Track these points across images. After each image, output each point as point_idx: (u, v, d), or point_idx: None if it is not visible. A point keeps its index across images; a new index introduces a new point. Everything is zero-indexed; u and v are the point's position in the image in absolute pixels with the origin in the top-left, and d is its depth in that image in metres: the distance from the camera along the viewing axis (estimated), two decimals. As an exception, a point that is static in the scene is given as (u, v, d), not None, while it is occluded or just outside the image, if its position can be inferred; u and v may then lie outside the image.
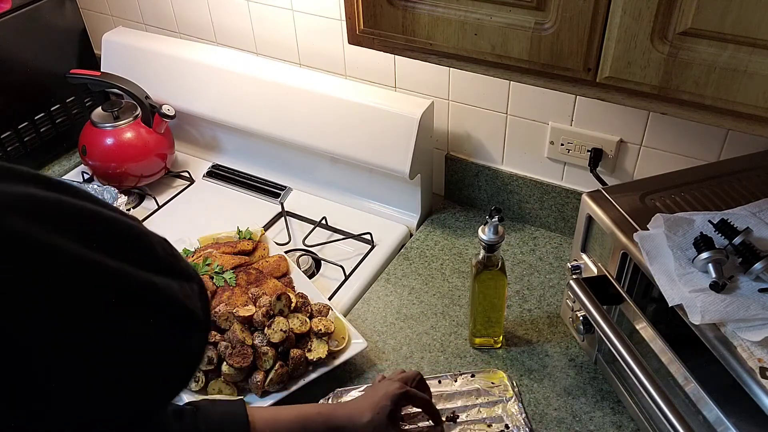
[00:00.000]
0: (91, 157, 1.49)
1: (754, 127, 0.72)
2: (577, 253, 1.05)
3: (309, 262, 1.32)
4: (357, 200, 1.48)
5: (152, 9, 1.63)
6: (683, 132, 1.13)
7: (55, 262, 0.42)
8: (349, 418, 0.90)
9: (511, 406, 1.01)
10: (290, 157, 1.51)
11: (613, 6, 0.72)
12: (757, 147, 1.05)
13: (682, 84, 0.73)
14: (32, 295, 0.41)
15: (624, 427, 0.99)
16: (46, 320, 0.41)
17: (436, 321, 1.18)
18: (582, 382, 1.06)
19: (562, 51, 0.78)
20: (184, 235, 1.38)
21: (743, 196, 0.93)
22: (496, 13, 0.81)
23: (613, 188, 0.98)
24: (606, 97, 0.80)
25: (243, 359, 1.02)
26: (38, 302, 0.41)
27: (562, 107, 1.22)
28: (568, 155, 1.27)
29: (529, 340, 1.14)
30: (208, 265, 1.23)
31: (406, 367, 1.10)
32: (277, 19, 1.43)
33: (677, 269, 0.80)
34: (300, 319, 1.08)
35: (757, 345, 0.72)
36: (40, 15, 1.55)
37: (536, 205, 1.36)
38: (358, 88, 1.36)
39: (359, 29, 0.92)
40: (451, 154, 1.42)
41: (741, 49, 0.68)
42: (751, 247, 0.79)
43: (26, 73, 1.56)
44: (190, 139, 1.67)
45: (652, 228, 0.88)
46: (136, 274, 0.47)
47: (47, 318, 0.41)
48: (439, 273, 1.29)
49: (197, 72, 1.50)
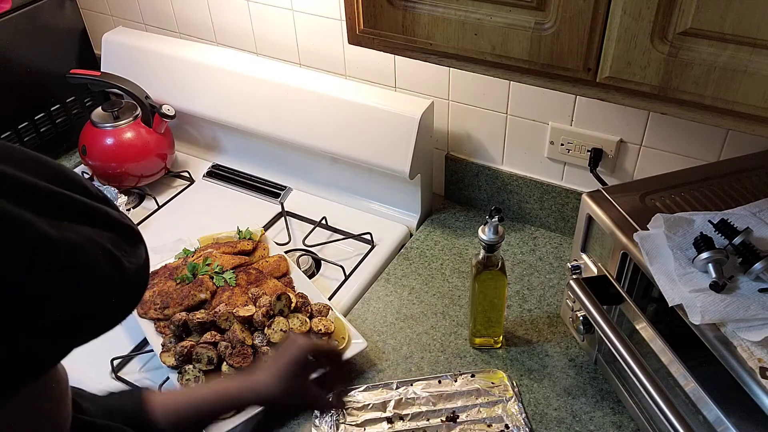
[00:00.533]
0: (91, 157, 1.49)
1: (754, 127, 0.72)
2: (577, 253, 1.05)
3: (309, 262, 1.32)
4: (357, 200, 1.48)
5: (152, 9, 1.63)
6: (683, 132, 1.13)
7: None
8: (256, 391, 0.87)
9: (511, 406, 1.01)
10: (290, 157, 1.51)
11: (613, 6, 0.72)
12: (757, 147, 1.05)
13: (682, 84, 0.73)
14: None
15: (624, 427, 0.99)
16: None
17: (436, 321, 1.18)
18: (582, 382, 1.06)
19: (562, 51, 0.79)
20: (184, 235, 1.38)
21: (743, 196, 0.93)
22: (496, 13, 0.81)
23: (613, 188, 0.98)
24: (606, 97, 0.80)
25: (243, 359, 1.02)
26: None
27: (562, 107, 1.22)
28: (568, 155, 1.27)
29: (529, 340, 1.14)
30: (208, 265, 1.23)
31: (406, 367, 1.10)
32: (277, 19, 1.43)
33: (677, 269, 0.80)
34: (300, 319, 1.08)
35: (757, 345, 0.72)
36: (40, 15, 1.55)
37: (536, 205, 1.36)
38: (358, 88, 1.36)
39: (359, 29, 0.92)
40: (451, 154, 1.42)
41: (741, 49, 0.68)
42: (751, 247, 0.79)
43: (26, 73, 1.56)
44: (190, 139, 1.67)
45: (652, 228, 0.88)
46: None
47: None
48: (439, 273, 1.29)
49: (197, 72, 1.50)
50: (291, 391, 0.87)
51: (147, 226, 1.45)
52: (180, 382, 1.04)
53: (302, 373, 0.89)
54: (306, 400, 0.91)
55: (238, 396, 0.87)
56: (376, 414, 1.02)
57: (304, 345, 0.89)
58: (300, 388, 0.88)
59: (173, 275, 1.23)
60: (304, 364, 0.89)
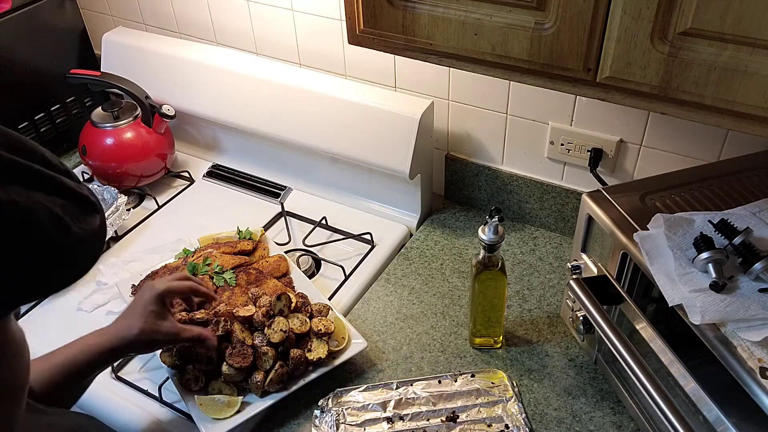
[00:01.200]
0: (91, 157, 1.49)
1: (754, 127, 0.72)
2: (577, 253, 1.05)
3: (309, 262, 1.32)
4: (357, 200, 1.48)
5: (152, 9, 1.63)
6: (683, 132, 1.13)
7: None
8: (120, 337, 0.92)
9: (511, 406, 1.01)
10: (290, 157, 1.51)
11: (613, 6, 0.72)
12: (757, 147, 1.05)
13: (682, 84, 0.73)
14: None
15: (624, 427, 0.99)
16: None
17: (436, 321, 1.18)
18: (582, 382, 1.06)
19: (562, 51, 0.79)
20: (184, 235, 1.38)
21: (743, 196, 0.93)
22: (496, 13, 0.81)
23: (613, 188, 0.98)
24: (606, 97, 0.80)
25: (243, 359, 1.02)
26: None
27: (562, 107, 1.22)
28: (568, 155, 1.27)
29: (529, 340, 1.14)
30: (208, 265, 1.23)
31: (406, 367, 1.10)
32: (277, 19, 1.43)
33: (677, 269, 0.80)
34: (300, 319, 1.08)
35: (757, 345, 0.72)
36: (40, 15, 1.55)
37: (536, 205, 1.36)
38: (358, 88, 1.36)
39: (359, 29, 0.92)
40: (451, 154, 1.42)
41: (741, 49, 0.68)
42: (751, 247, 0.79)
43: (26, 73, 1.56)
44: (190, 139, 1.67)
45: (652, 228, 0.88)
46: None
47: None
48: (439, 273, 1.29)
49: (197, 72, 1.50)
50: (152, 328, 0.93)
51: (147, 226, 1.45)
52: (180, 382, 1.04)
53: (160, 309, 0.95)
54: (171, 333, 0.96)
55: (106, 345, 0.92)
56: (376, 414, 1.02)
57: (158, 286, 0.97)
58: (160, 323, 0.94)
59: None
60: (159, 301, 0.95)
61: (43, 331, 1.20)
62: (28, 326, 1.21)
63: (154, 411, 1.07)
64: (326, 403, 1.03)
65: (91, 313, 1.24)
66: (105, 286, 1.28)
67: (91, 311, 1.24)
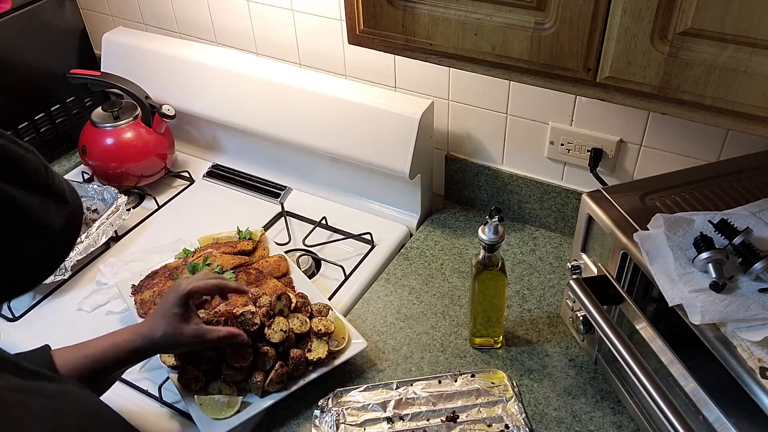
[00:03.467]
0: (91, 157, 1.50)
1: (754, 127, 0.72)
2: (577, 253, 1.05)
3: (309, 262, 1.32)
4: (357, 200, 1.48)
5: (152, 9, 1.63)
6: (683, 132, 1.13)
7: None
8: (145, 338, 0.92)
9: (511, 406, 1.01)
10: (290, 157, 1.51)
11: (613, 6, 0.72)
12: (757, 147, 1.05)
13: (682, 84, 0.73)
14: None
15: (624, 427, 0.99)
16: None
17: (436, 321, 1.18)
18: (582, 382, 1.06)
19: (562, 51, 0.79)
20: (184, 235, 1.38)
21: (743, 196, 0.93)
22: (496, 13, 0.81)
23: (613, 188, 0.98)
24: (606, 97, 0.80)
25: (243, 359, 1.02)
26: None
27: (562, 107, 1.22)
28: (568, 155, 1.27)
29: (529, 340, 1.14)
30: (208, 265, 1.23)
31: (406, 367, 1.10)
32: (277, 19, 1.43)
33: (677, 269, 0.80)
34: (300, 319, 1.08)
35: (757, 345, 0.72)
36: (40, 15, 1.55)
37: (536, 205, 1.36)
38: (358, 88, 1.36)
39: (359, 29, 0.92)
40: (451, 154, 1.42)
41: (741, 49, 0.68)
42: (751, 247, 0.79)
43: (26, 73, 1.56)
44: (190, 139, 1.67)
45: (652, 228, 0.88)
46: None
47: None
48: (439, 273, 1.29)
49: (197, 72, 1.50)
50: (174, 330, 0.93)
51: (147, 226, 1.45)
52: (180, 382, 1.04)
53: (183, 311, 0.95)
54: (195, 335, 0.96)
55: (133, 345, 0.92)
56: (376, 414, 1.02)
57: (182, 287, 0.96)
58: (183, 326, 0.94)
59: (173, 275, 1.24)
60: (183, 303, 0.95)
61: (43, 331, 1.20)
62: (28, 326, 1.22)
63: (154, 411, 1.07)
64: (326, 403, 1.04)
65: (91, 313, 1.24)
66: (105, 286, 1.28)
67: (91, 311, 1.24)
